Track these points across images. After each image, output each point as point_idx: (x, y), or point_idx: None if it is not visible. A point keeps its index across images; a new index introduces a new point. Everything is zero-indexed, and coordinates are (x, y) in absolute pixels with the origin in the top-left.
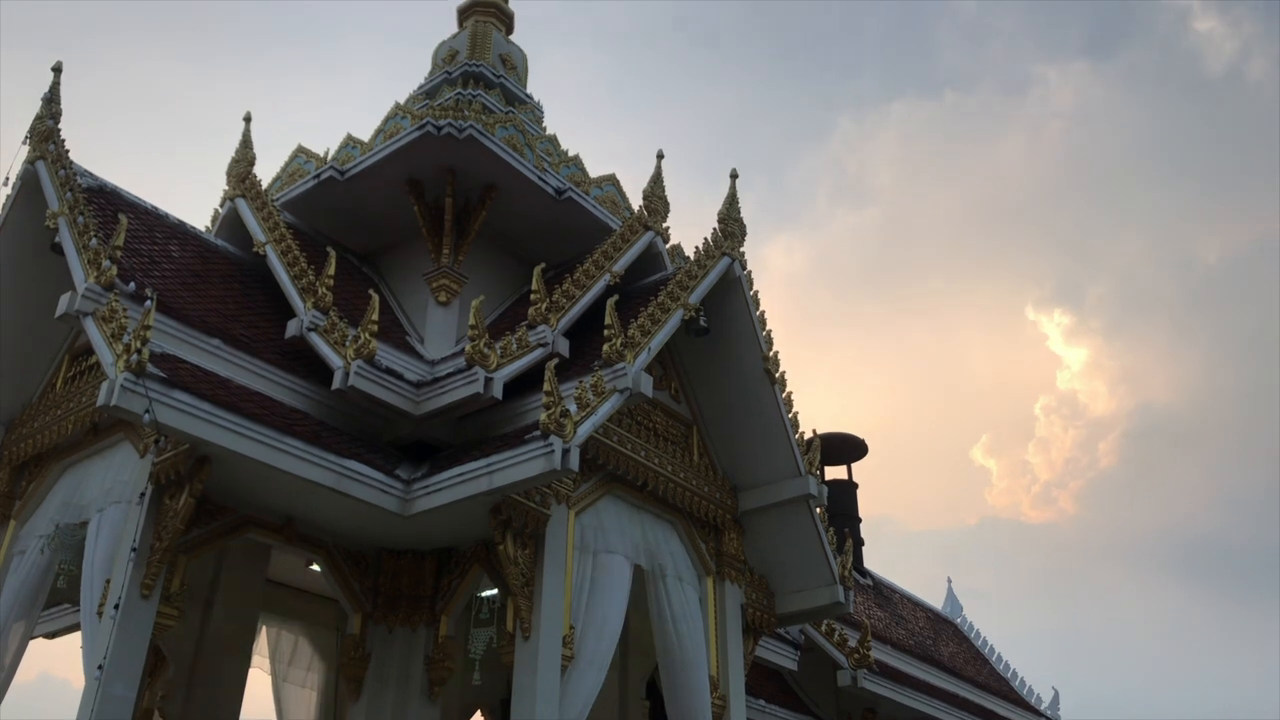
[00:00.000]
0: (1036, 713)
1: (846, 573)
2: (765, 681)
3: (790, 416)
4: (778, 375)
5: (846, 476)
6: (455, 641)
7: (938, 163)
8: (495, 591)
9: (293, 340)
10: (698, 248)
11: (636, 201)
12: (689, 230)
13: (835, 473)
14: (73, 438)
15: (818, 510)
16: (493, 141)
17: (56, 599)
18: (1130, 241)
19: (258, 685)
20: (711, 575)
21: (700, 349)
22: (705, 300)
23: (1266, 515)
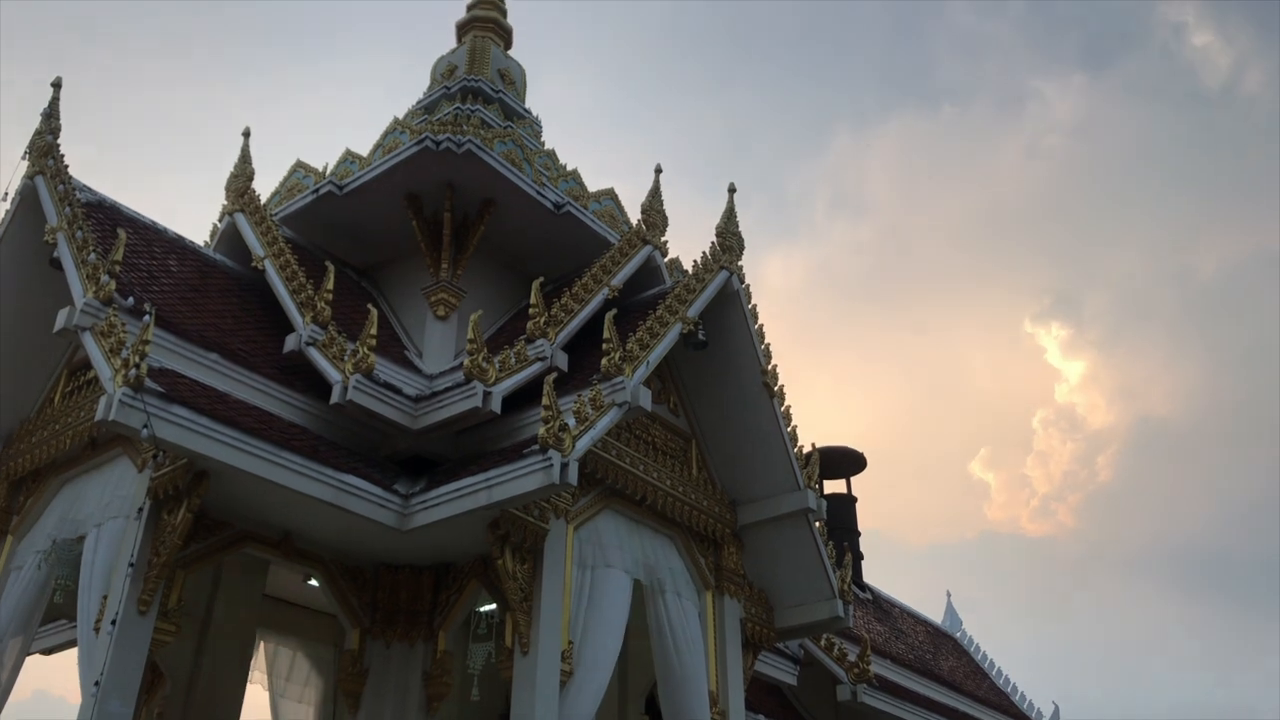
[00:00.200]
0: None
1: (846, 587)
2: (765, 696)
3: (789, 430)
4: (776, 389)
5: (846, 490)
6: (453, 657)
7: (935, 175)
8: (494, 607)
9: (291, 355)
10: (696, 261)
11: (635, 216)
12: (687, 244)
13: (834, 486)
14: (70, 453)
15: (817, 524)
16: (491, 156)
17: (53, 615)
18: (1127, 254)
19: (255, 701)
20: (711, 590)
21: (699, 363)
22: (704, 314)
23: (1266, 526)
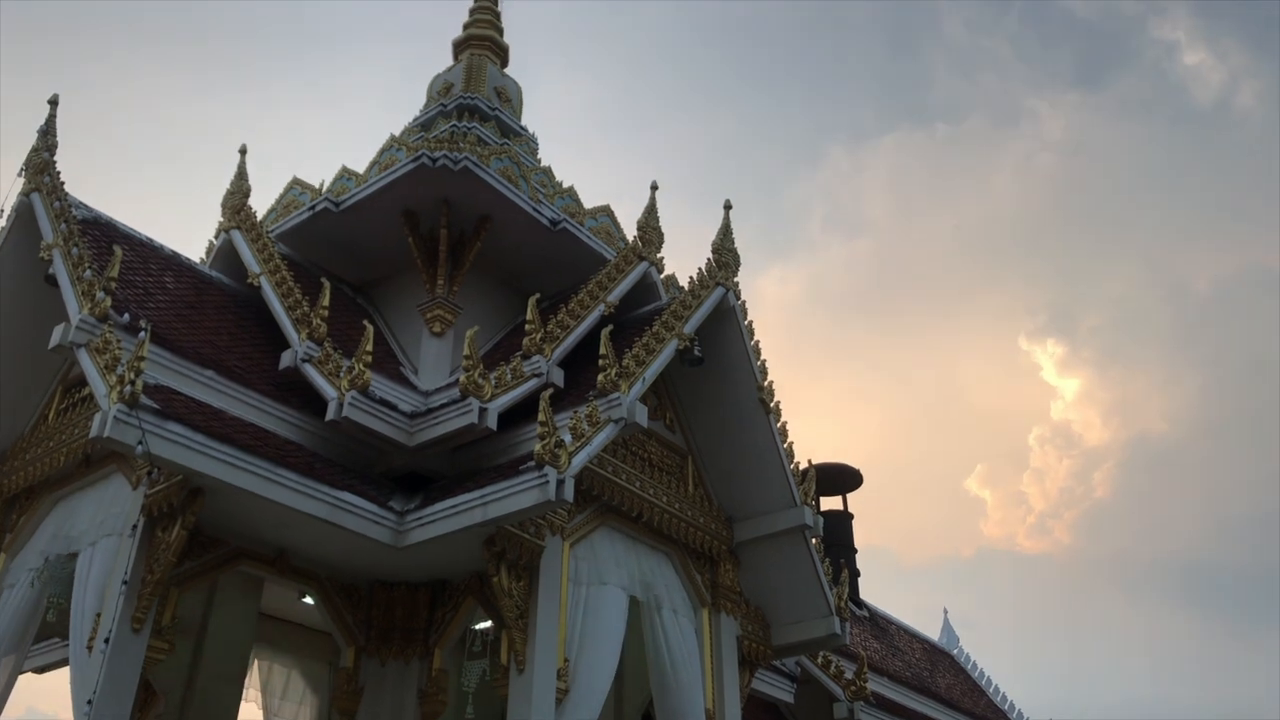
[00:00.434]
0: None
1: (843, 604)
2: (761, 714)
3: (785, 446)
4: (772, 405)
5: (842, 507)
6: (449, 675)
7: (930, 193)
8: (489, 624)
9: (287, 371)
10: (692, 278)
11: (631, 232)
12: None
13: (830, 503)
14: (64, 470)
15: (813, 541)
16: (487, 173)
17: (46, 633)
18: (1122, 271)
19: (250, 719)
20: (707, 607)
21: (695, 379)
22: (700, 330)
23: (1263, 542)
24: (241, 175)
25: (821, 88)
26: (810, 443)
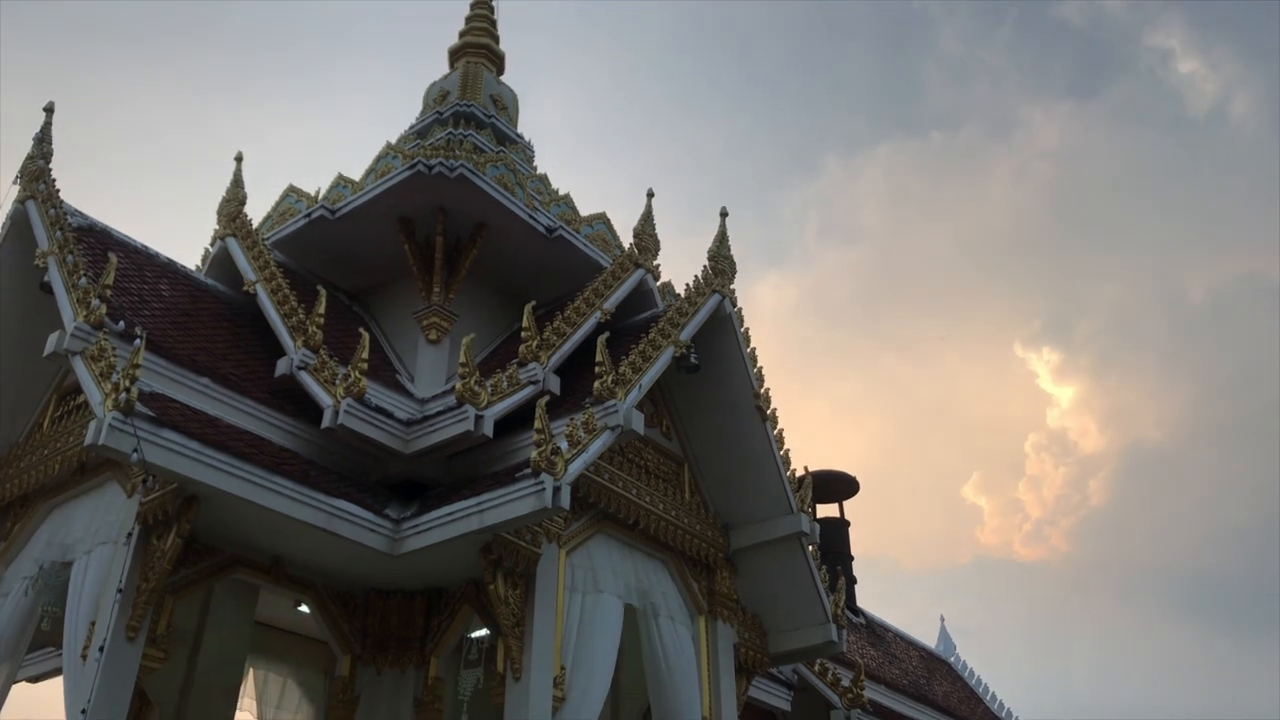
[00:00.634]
0: None
1: (839, 611)
2: None
3: (781, 453)
4: (769, 412)
5: (838, 514)
6: (445, 683)
7: (925, 201)
8: (485, 632)
9: (282, 379)
10: (688, 285)
11: (627, 239)
12: (679, 268)
13: (827, 510)
14: (59, 478)
15: (810, 548)
16: (484, 180)
17: (41, 642)
18: (1117, 279)
19: None
20: (704, 614)
21: (691, 386)
22: (696, 337)
23: (1260, 550)
24: (238, 183)
25: (816, 97)
26: (806, 450)
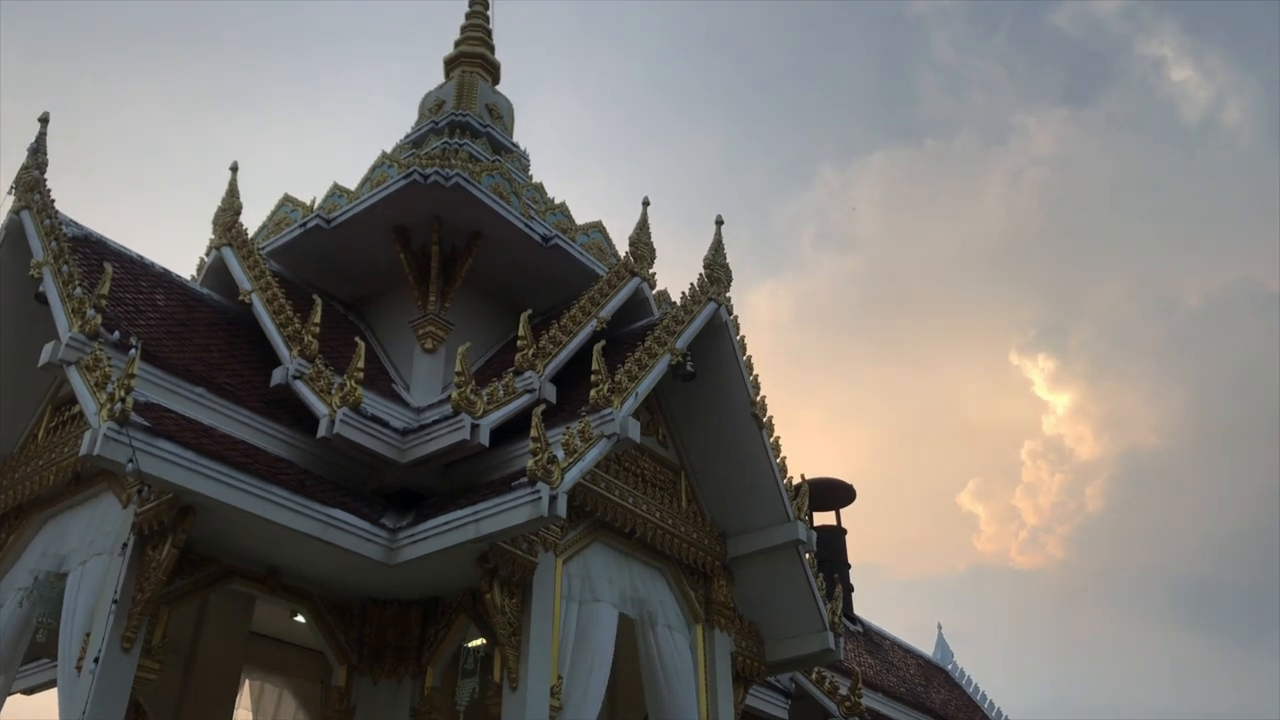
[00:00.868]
0: None
1: (837, 619)
2: None
3: (778, 461)
4: (765, 420)
5: (835, 522)
6: (441, 693)
7: (920, 209)
8: (482, 641)
9: (278, 388)
10: (684, 293)
11: (623, 248)
12: (675, 276)
13: (824, 518)
14: (54, 488)
15: (807, 556)
16: (479, 189)
17: (35, 653)
18: (1112, 286)
19: None
20: (701, 623)
21: (687, 394)
22: (692, 345)
23: (1257, 555)
24: (233, 192)
25: (811, 105)
26: (803, 458)
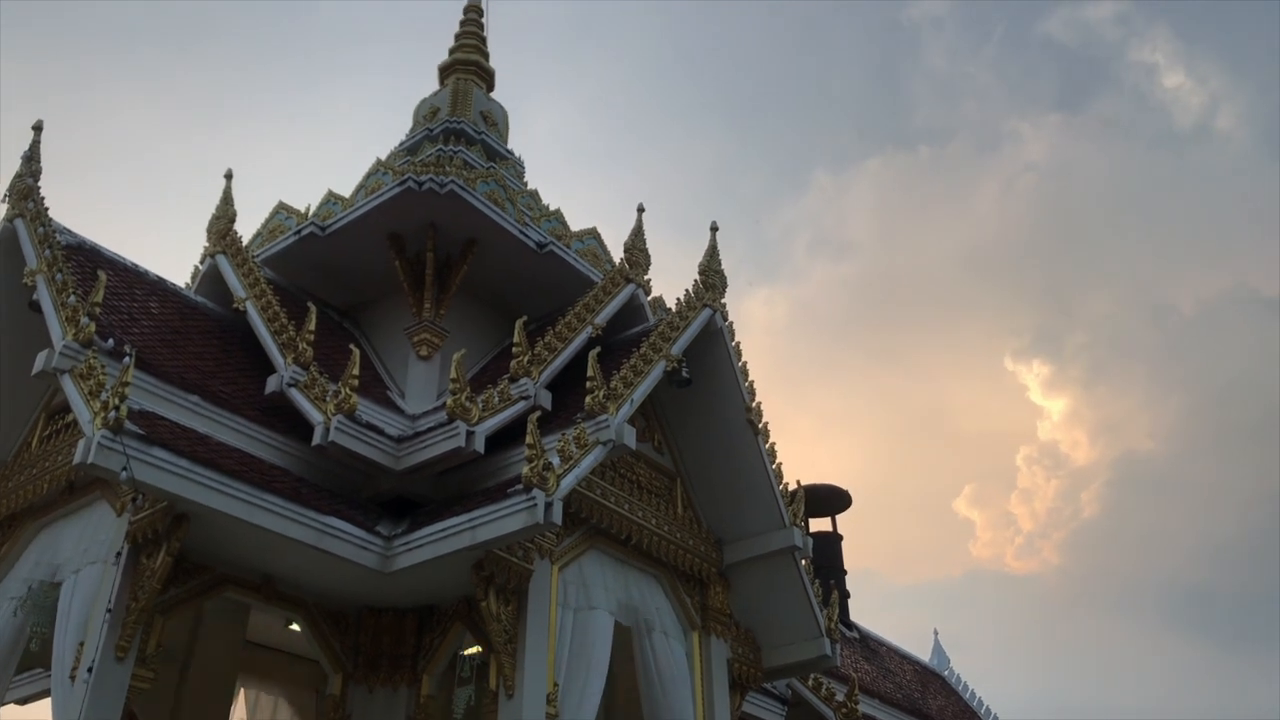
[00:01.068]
0: None
1: (833, 625)
2: None
3: (774, 468)
4: (760, 426)
5: (831, 528)
6: (437, 701)
7: (914, 215)
8: (478, 649)
9: (273, 396)
10: (679, 300)
11: (618, 254)
12: (670, 283)
13: (820, 524)
14: (48, 497)
15: (803, 562)
16: (474, 196)
17: (29, 663)
18: (1106, 291)
19: None
20: (697, 630)
21: (683, 401)
22: (687, 352)
23: (1253, 561)
24: (227, 200)
25: (805, 113)
26: (799, 464)
